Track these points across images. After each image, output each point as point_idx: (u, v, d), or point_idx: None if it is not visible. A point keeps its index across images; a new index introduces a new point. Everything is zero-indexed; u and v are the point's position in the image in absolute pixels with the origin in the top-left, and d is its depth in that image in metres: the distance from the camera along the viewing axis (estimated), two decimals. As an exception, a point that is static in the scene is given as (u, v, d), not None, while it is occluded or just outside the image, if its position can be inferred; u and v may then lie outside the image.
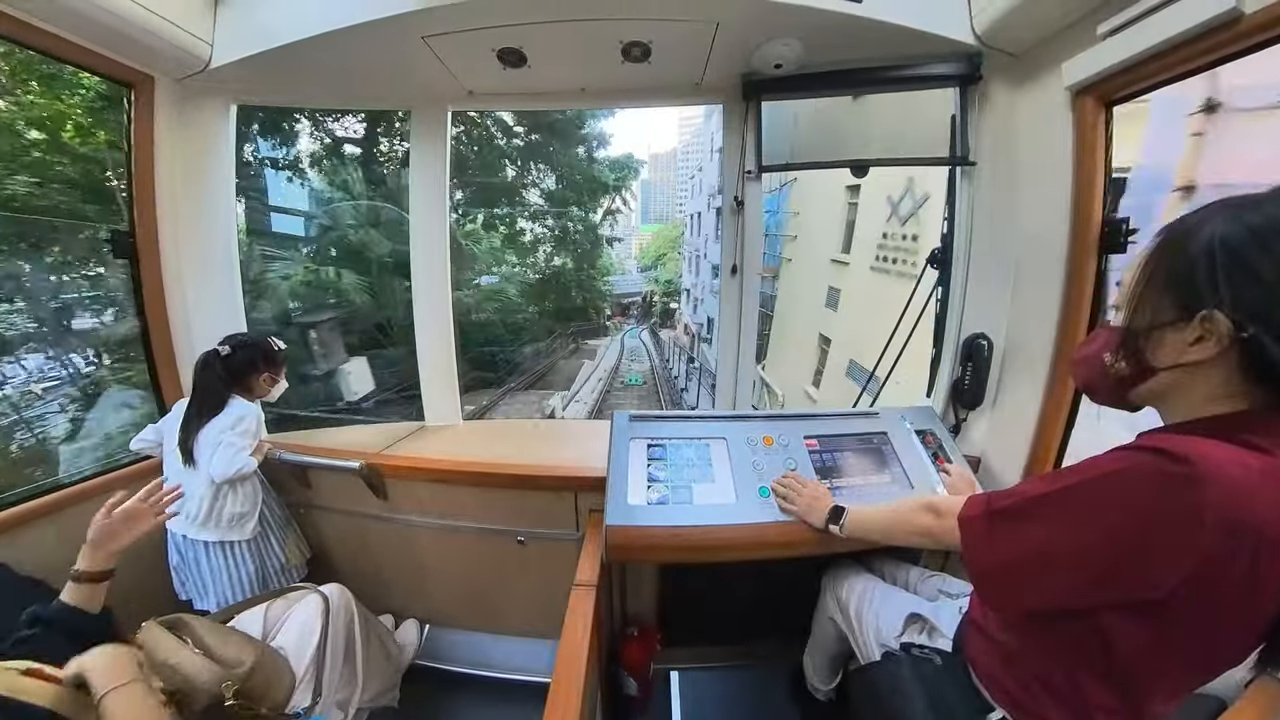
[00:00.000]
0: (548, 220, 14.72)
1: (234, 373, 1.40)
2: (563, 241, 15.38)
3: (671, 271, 39.30)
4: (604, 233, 16.71)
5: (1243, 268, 0.52)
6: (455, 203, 7.93)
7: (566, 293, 16.65)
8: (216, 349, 1.40)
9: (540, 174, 13.68)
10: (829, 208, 10.12)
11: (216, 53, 1.38)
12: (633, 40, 1.31)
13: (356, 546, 1.67)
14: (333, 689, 1.12)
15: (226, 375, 1.39)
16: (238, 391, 1.42)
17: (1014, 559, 0.66)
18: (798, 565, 1.18)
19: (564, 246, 15.58)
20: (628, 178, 15.44)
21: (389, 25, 1.23)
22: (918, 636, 0.98)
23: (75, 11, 1.11)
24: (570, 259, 16.06)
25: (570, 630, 0.97)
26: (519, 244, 14.66)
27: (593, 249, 16.78)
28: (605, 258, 21.16)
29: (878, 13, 1.20)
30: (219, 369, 1.38)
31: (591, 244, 16.38)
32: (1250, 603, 0.53)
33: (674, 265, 38.51)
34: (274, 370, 1.49)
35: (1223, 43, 0.84)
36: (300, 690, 1.04)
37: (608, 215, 16.11)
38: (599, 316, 27.56)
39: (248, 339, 1.47)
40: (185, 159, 1.52)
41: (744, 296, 1.64)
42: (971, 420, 1.47)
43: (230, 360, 1.40)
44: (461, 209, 12.44)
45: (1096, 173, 1.12)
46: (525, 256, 15.12)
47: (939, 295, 1.57)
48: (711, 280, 15.88)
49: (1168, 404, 0.63)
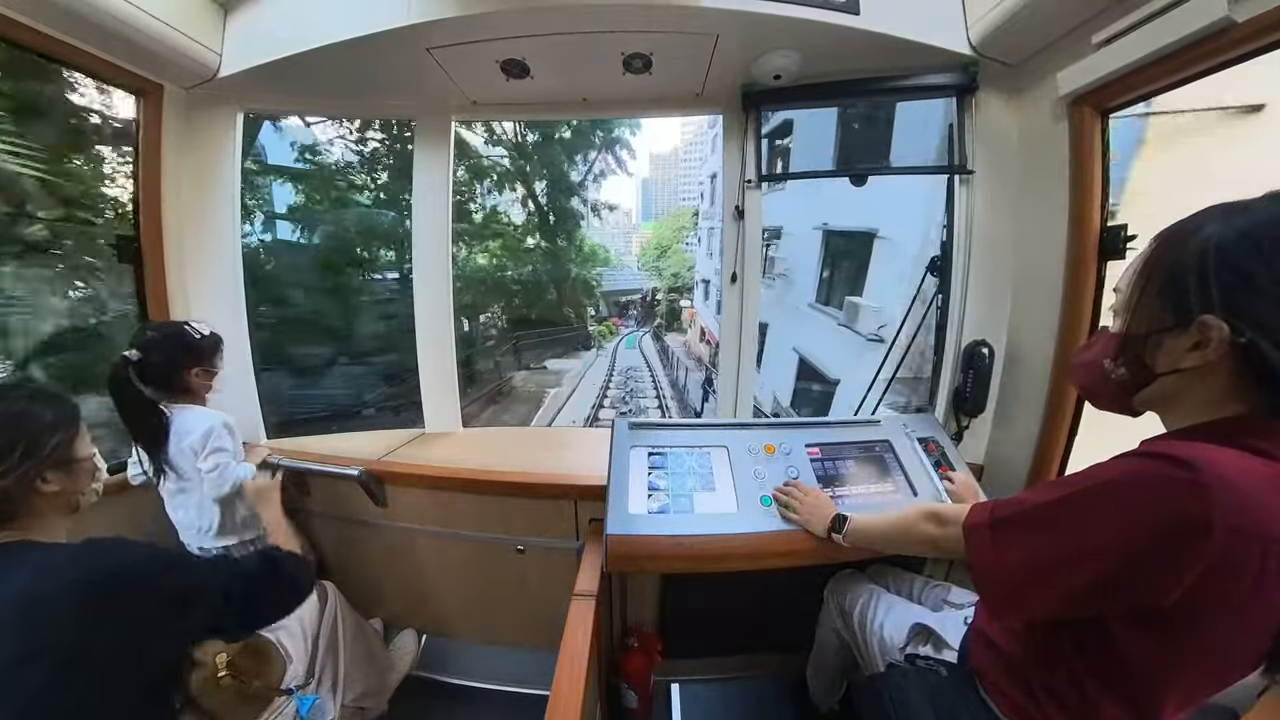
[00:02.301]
0: (511, 183, 9.87)
1: (155, 380, 1.18)
2: (541, 226, 10.42)
3: (679, 263, 32.80)
4: (591, 197, 11.76)
5: (1235, 273, 0.52)
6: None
7: (539, 290, 11.76)
8: (124, 355, 1.14)
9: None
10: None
11: (225, 62, 1.41)
12: (634, 52, 1.34)
13: (353, 553, 1.66)
14: (323, 675, 1.17)
15: (149, 385, 1.17)
16: (175, 398, 1.23)
17: (1019, 567, 0.65)
18: (800, 575, 1.16)
19: (537, 227, 10.65)
20: (615, 133, 10.91)
21: (394, 37, 1.25)
22: (923, 648, 0.96)
23: (88, 21, 1.13)
24: (542, 237, 11.01)
25: (570, 641, 0.95)
26: (467, 217, 9.97)
27: (570, 222, 11.43)
28: (588, 244, 15.31)
29: (875, 24, 1.22)
30: (135, 380, 1.14)
31: (569, 217, 11.05)
32: (1259, 610, 0.52)
33: (680, 258, 33.02)
34: (203, 362, 1.26)
35: (1216, 51, 0.85)
36: (291, 670, 1.08)
37: (591, 176, 11.10)
38: (581, 320, 20.56)
39: (157, 333, 1.22)
40: (191, 166, 1.53)
41: (744, 304, 1.64)
42: (974, 428, 1.46)
43: (143, 365, 1.16)
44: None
45: (1094, 180, 1.13)
46: (480, 239, 10.22)
47: (938, 303, 1.58)
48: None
49: (1169, 409, 0.63)
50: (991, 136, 1.38)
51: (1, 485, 0.66)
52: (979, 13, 1.21)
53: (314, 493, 1.60)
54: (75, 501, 0.78)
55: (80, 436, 0.77)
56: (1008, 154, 1.36)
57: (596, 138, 10.91)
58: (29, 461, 0.69)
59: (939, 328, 1.58)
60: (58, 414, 0.74)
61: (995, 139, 1.37)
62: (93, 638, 0.63)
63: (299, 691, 1.05)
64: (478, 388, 10.95)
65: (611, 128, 11.33)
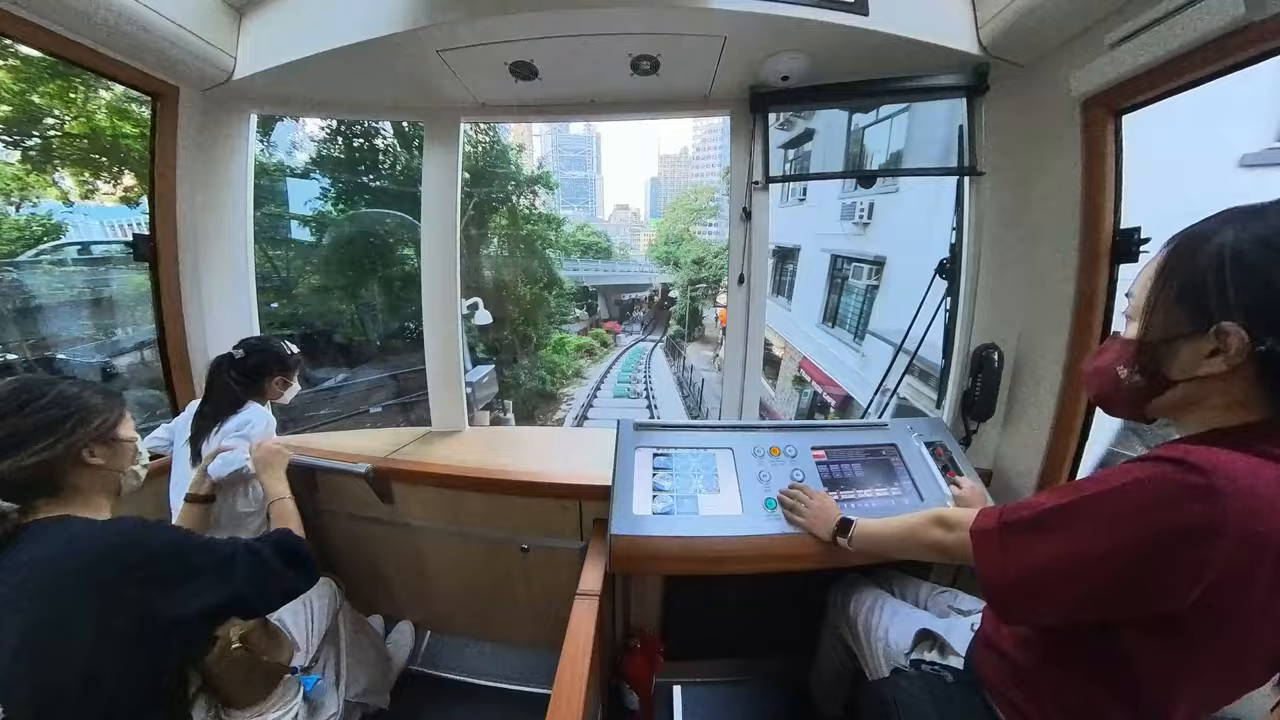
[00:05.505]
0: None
1: (247, 375, 1.42)
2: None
3: (703, 249, 24.39)
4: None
5: (1253, 278, 0.51)
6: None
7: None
8: (230, 352, 1.42)
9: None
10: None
11: (239, 65, 1.43)
12: (642, 54, 1.34)
13: (358, 549, 1.67)
14: (325, 669, 1.19)
15: (239, 378, 1.41)
16: (251, 395, 1.44)
17: (1028, 572, 0.64)
18: (804, 579, 1.16)
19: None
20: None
21: (405, 40, 1.26)
22: (928, 654, 0.95)
23: (108, 25, 1.16)
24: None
25: (572, 641, 0.95)
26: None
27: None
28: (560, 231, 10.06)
29: (884, 25, 1.21)
30: (231, 372, 1.40)
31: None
32: (1271, 618, 0.51)
33: (700, 244, 25.63)
34: (286, 374, 1.50)
35: (1232, 50, 0.84)
36: (296, 658, 1.11)
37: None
38: (532, 340, 11.60)
39: (261, 343, 1.48)
40: (205, 166, 1.56)
41: (751, 306, 1.63)
42: (982, 432, 1.45)
43: (243, 363, 1.41)
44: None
45: (1107, 181, 1.11)
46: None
47: (947, 306, 1.56)
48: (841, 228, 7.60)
49: (1184, 416, 0.62)
50: (1002, 138, 1.36)
51: (52, 454, 0.74)
52: (989, 13, 1.20)
53: (320, 489, 1.61)
54: (117, 482, 0.85)
55: (125, 421, 0.86)
56: (1018, 155, 1.34)
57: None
58: (79, 431, 0.77)
59: (948, 331, 1.57)
60: (106, 399, 0.83)
61: (1006, 140, 1.36)
62: (116, 605, 0.68)
63: (302, 672, 1.09)
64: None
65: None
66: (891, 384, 1.87)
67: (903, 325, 1.66)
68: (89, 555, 0.69)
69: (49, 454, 0.73)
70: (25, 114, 5.60)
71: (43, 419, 0.74)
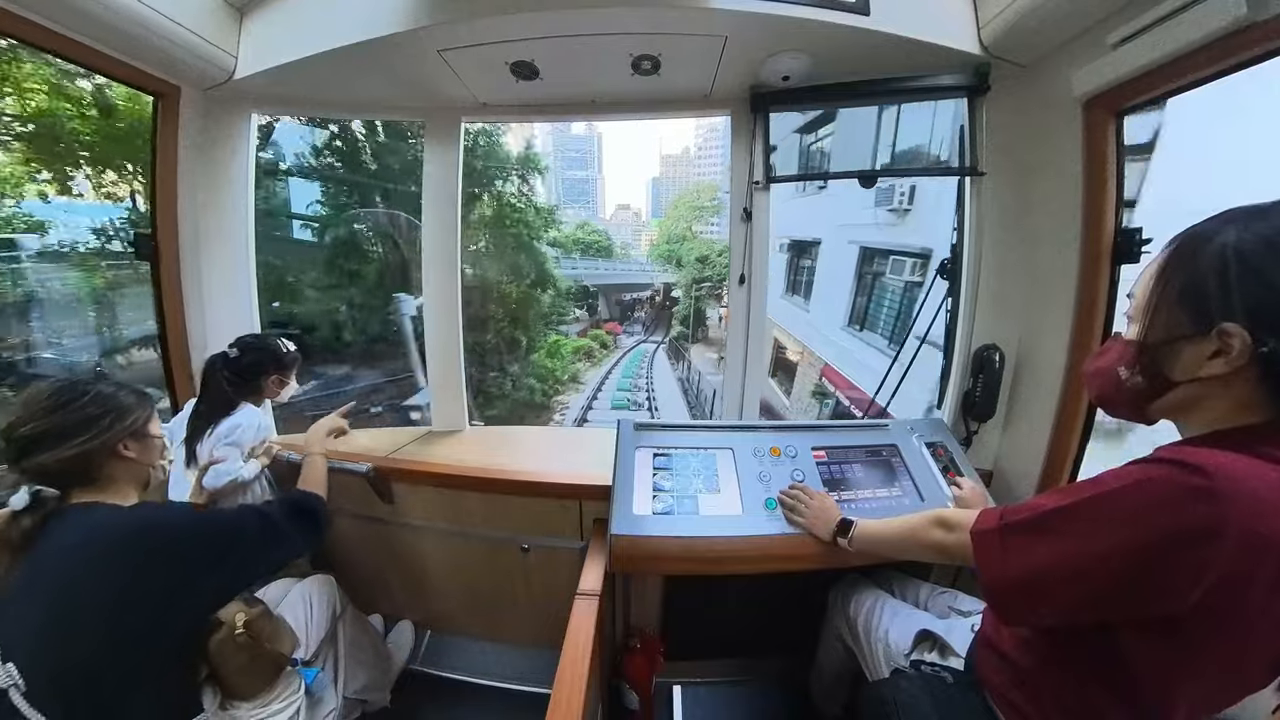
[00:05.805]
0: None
1: (241, 375, 1.40)
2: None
3: (703, 248, 23.23)
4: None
5: (1256, 279, 0.51)
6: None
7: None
8: (225, 351, 1.40)
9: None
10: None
11: (241, 65, 1.43)
12: (643, 53, 1.34)
13: (358, 549, 1.67)
14: (325, 665, 1.21)
15: (234, 377, 1.39)
16: (246, 394, 1.41)
17: (1029, 573, 0.64)
18: (804, 579, 1.16)
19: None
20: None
21: (406, 40, 1.26)
22: (928, 655, 0.95)
23: (109, 25, 1.16)
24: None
25: (572, 640, 0.95)
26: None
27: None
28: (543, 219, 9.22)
29: (885, 25, 1.21)
30: (226, 371, 1.38)
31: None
32: (1272, 620, 0.51)
33: (703, 243, 24.53)
34: (282, 372, 1.49)
35: (1235, 50, 0.84)
36: (299, 653, 1.13)
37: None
38: (521, 344, 10.35)
39: (256, 341, 1.46)
40: (206, 165, 1.56)
41: (752, 306, 1.63)
42: (983, 433, 1.45)
43: (238, 362, 1.39)
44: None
45: (1108, 182, 1.11)
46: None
47: (948, 306, 1.56)
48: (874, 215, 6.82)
49: (1186, 417, 0.62)
50: (1003, 138, 1.36)
51: (92, 446, 0.82)
52: (991, 13, 1.20)
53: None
54: (146, 474, 0.94)
55: (154, 419, 0.95)
56: (1019, 156, 1.34)
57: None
58: (116, 427, 0.86)
59: (948, 330, 1.57)
60: (138, 398, 0.93)
61: (1007, 140, 1.36)
62: (143, 579, 0.75)
63: (303, 665, 1.10)
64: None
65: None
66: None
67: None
68: (115, 538, 0.76)
69: (88, 446, 0.82)
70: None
71: (83, 415, 0.82)
